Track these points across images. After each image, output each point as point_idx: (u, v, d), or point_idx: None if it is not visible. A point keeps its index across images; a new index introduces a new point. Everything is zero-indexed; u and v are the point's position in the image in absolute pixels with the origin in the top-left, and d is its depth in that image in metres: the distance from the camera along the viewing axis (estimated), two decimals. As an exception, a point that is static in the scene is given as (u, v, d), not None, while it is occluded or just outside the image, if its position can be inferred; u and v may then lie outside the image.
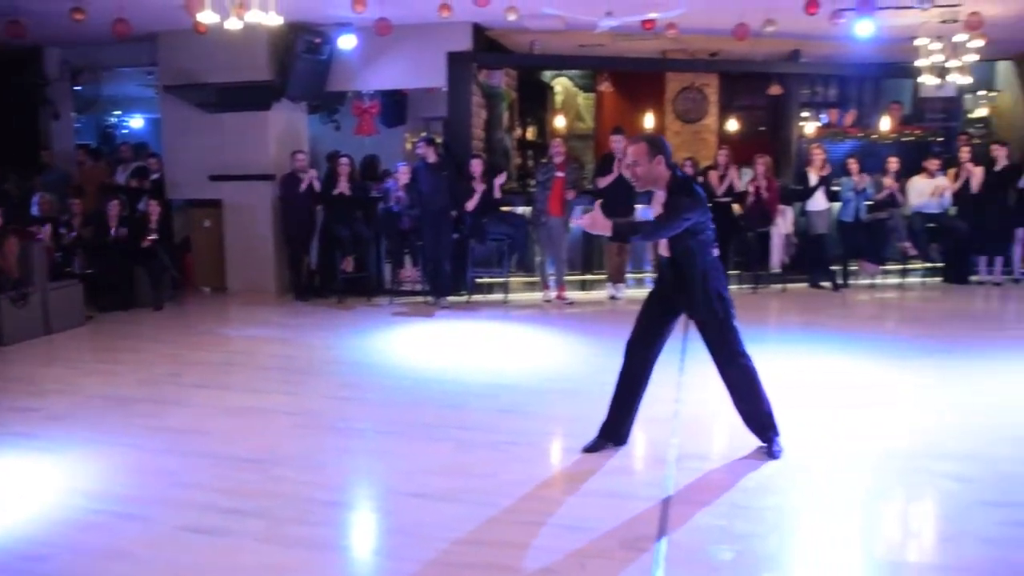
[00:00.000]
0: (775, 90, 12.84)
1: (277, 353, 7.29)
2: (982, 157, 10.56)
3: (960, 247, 10.26)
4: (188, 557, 3.36)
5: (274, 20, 7.05)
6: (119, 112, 15.16)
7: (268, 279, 10.26)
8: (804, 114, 13.45)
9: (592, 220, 4.07)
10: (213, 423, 5.14)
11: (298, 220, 9.73)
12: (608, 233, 4.10)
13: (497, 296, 9.74)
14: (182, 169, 10.39)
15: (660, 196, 4.28)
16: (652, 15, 8.87)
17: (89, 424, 5.14)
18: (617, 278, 9.59)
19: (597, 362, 6.52)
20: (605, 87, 14.65)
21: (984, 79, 12.59)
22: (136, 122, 15.72)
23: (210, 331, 8.28)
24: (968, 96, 12.74)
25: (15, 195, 10.31)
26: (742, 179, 10.20)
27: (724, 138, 14.15)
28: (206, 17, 6.97)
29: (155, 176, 10.66)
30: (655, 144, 4.24)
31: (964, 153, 10.32)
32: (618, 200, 9.07)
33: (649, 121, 15.15)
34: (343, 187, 9.51)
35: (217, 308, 9.59)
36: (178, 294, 9.90)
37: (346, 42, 9.81)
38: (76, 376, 6.39)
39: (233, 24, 7.07)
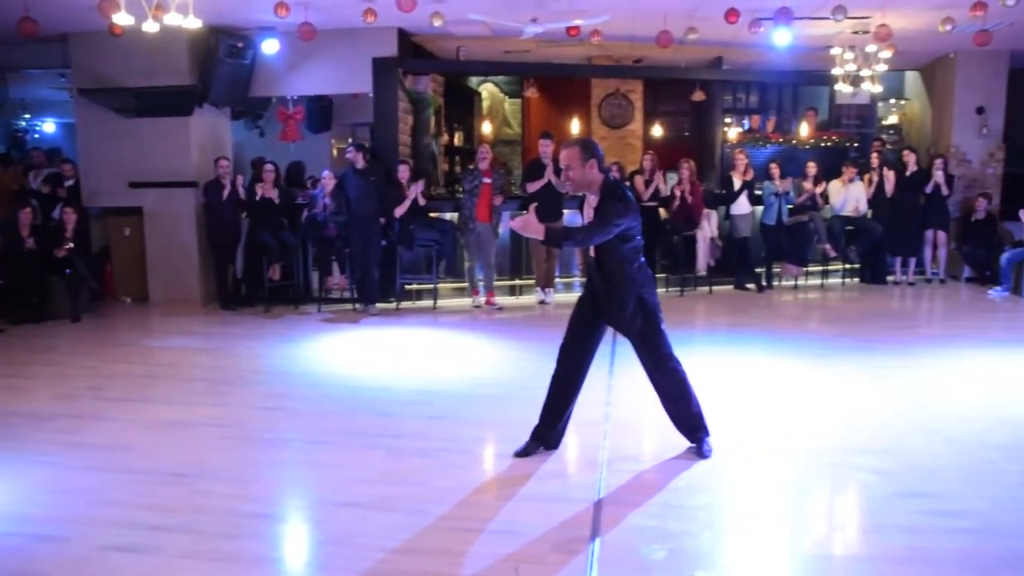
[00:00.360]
0: (698, 96, 13.13)
1: (202, 364, 7.11)
2: (896, 163, 11.01)
3: (876, 249, 10.66)
4: (110, 577, 3.25)
5: (194, 23, 6.89)
6: (29, 116, 14.59)
7: (192, 288, 10.01)
8: (727, 120, 13.79)
9: (524, 223, 4.07)
10: (136, 437, 4.98)
11: (223, 228, 9.52)
12: (540, 237, 4.11)
13: (426, 302, 9.70)
14: (100, 176, 10.04)
15: (592, 200, 4.29)
16: (577, 22, 8.98)
17: (1, 442, 4.92)
18: (546, 283, 9.65)
19: (527, 366, 6.55)
20: (531, 93, 14.74)
21: (895, 88, 13.12)
22: (48, 126, 15.17)
23: (132, 343, 8.02)
24: (880, 104, 13.25)
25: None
26: (667, 183, 10.39)
27: (649, 143, 14.38)
28: (121, 19, 6.76)
29: (70, 183, 10.29)
30: (588, 148, 4.25)
31: (875, 159, 10.77)
32: (547, 206, 9.13)
33: (575, 126, 15.31)
34: (268, 192, 9.34)
35: (139, 319, 9.30)
36: (97, 305, 9.57)
37: (269, 47, 9.66)
38: (-13, 392, 6.11)
39: (150, 27, 6.88)
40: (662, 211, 10.10)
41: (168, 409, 5.57)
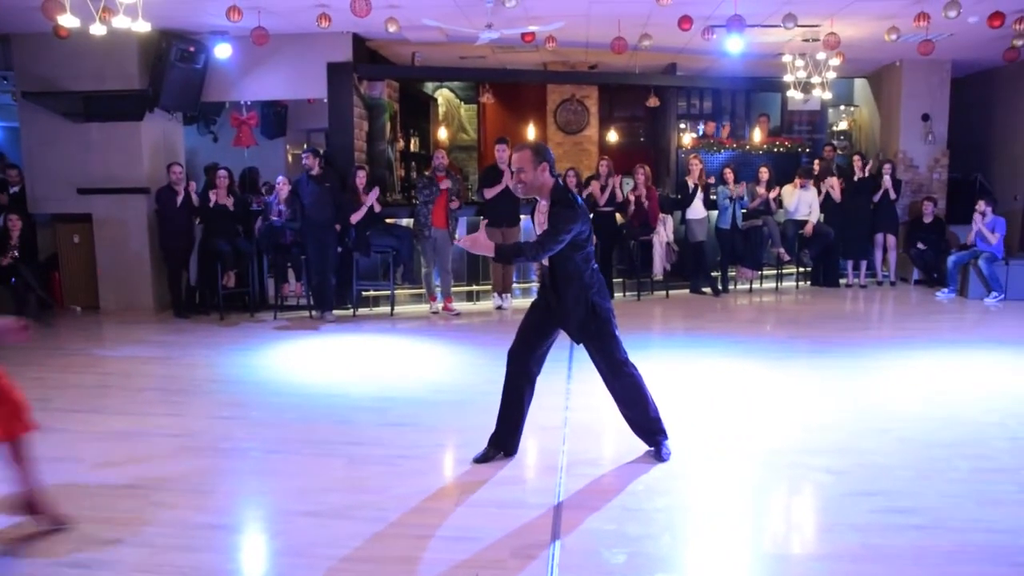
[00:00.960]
0: (653, 102, 13.27)
1: (156, 373, 6.98)
2: (846, 168, 11.25)
3: (829, 252, 10.87)
4: (61, 593, 3.17)
5: (143, 27, 6.78)
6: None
7: (145, 296, 9.82)
8: (681, 125, 13.96)
9: (473, 241, 4.06)
10: (87, 449, 4.86)
11: (176, 235, 9.35)
12: (491, 255, 4.09)
13: (383, 309, 9.65)
14: (46, 182, 9.80)
15: (543, 206, 4.29)
16: (531, 28, 9.02)
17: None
18: (503, 288, 9.66)
19: (485, 372, 6.55)
20: (487, 99, 14.79)
21: (845, 95, 13.40)
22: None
23: (82, 352, 7.84)
24: (831, 110, 13.53)
25: None
26: (623, 189, 10.47)
27: (605, 149, 14.52)
28: (67, 20, 6.62)
29: (15, 189, 10.03)
30: (540, 152, 4.23)
31: (816, 166, 11.04)
32: (504, 211, 9.17)
33: (531, 132, 15.38)
34: (222, 199, 9.21)
35: (89, 328, 9.10)
36: (45, 315, 9.34)
37: (222, 51, 9.53)
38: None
39: (98, 29, 6.75)
40: (618, 216, 10.18)
41: (121, 419, 5.46)
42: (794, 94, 10.50)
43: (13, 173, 10.24)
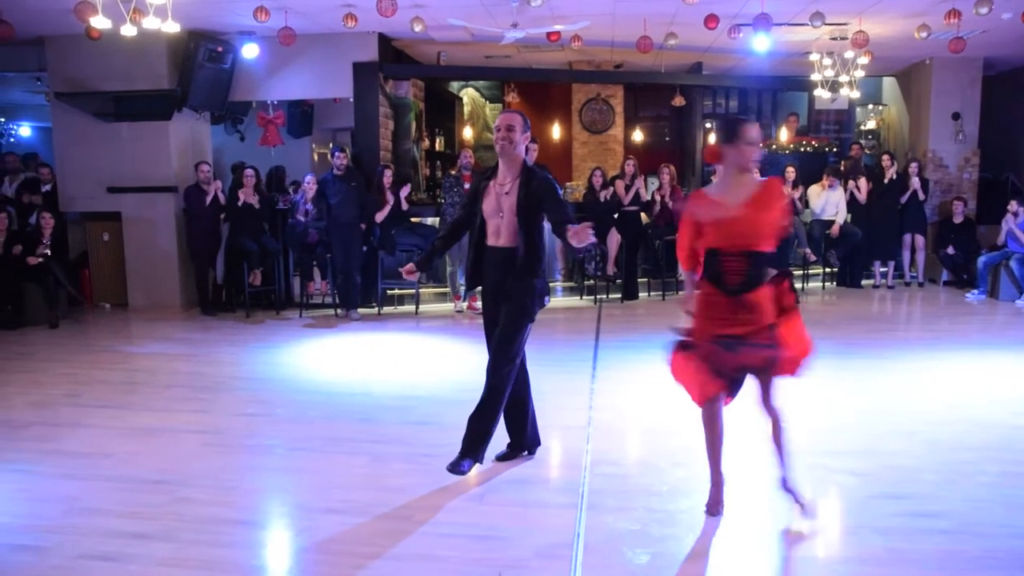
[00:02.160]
0: (678, 101, 13.21)
1: (182, 370, 7.06)
2: (874, 168, 11.13)
3: (855, 253, 10.75)
4: (89, 586, 3.21)
5: (172, 27, 6.86)
6: (3, 120, 14.46)
7: (172, 294, 9.94)
8: (707, 125, 13.89)
9: (576, 233, 3.78)
10: (115, 444, 4.93)
11: (203, 233, 9.45)
12: (593, 239, 3.82)
13: (408, 308, 9.68)
14: (77, 181, 9.96)
15: (506, 185, 4.19)
16: (557, 27, 9.01)
17: (-23, 450, 4.86)
18: None
19: (510, 371, 6.56)
20: (512, 98, 14.79)
21: (873, 93, 13.26)
22: (24, 130, 15.03)
23: (110, 349, 7.95)
24: (859, 109, 13.39)
25: None
26: (648, 188, 10.43)
27: (630, 148, 14.46)
28: (99, 22, 6.72)
29: (47, 188, 10.19)
30: (527, 123, 4.26)
31: (843, 165, 10.91)
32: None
33: (556, 131, 15.37)
34: (248, 197, 9.29)
35: (118, 325, 9.22)
36: (75, 311, 9.48)
37: (249, 51, 9.63)
38: (-38, 400, 6.03)
39: (129, 31, 6.84)
40: (643, 216, 10.14)
41: (148, 416, 5.53)
42: (822, 93, 10.41)
43: (45, 172, 10.42)
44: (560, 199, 4.17)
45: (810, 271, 10.86)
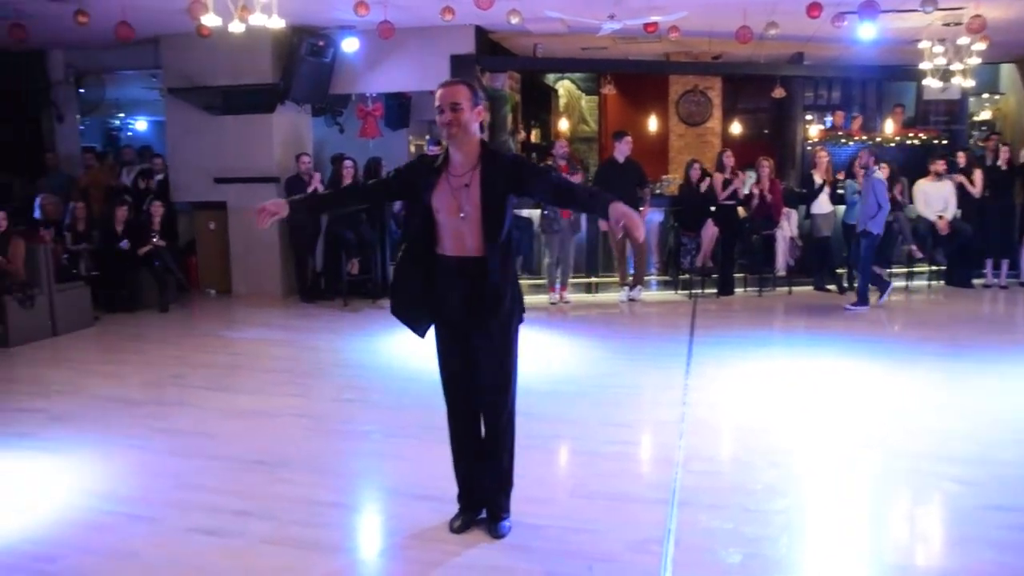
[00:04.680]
0: (778, 93, 12.85)
1: (282, 355, 7.29)
2: (988, 158, 10.55)
3: (965, 250, 10.24)
4: (195, 559, 3.36)
5: (277, 23, 7.06)
6: (123, 115, 15.18)
7: (273, 281, 10.27)
8: (808, 117, 13.49)
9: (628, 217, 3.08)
10: (218, 425, 5.14)
11: (303, 223, 9.72)
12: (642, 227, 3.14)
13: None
14: (187, 172, 10.42)
15: (464, 177, 3.27)
16: (655, 18, 8.89)
17: (94, 425, 5.14)
18: (636, 280, 9.54)
19: (604, 366, 6.56)
20: (608, 90, 14.67)
21: (989, 82, 12.61)
22: (140, 124, 15.75)
23: (215, 333, 8.28)
24: (972, 99, 12.75)
25: (19, 198, 10.37)
26: (746, 182, 10.20)
27: (728, 141, 14.17)
28: (209, 20, 6.99)
29: (159, 177, 10.68)
30: (476, 92, 3.34)
31: (962, 159, 10.30)
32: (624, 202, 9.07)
33: (653, 124, 15.20)
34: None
35: (222, 310, 9.59)
36: (183, 297, 9.91)
37: (349, 45, 9.85)
38: (81, 377, 6.39)
39: (236, 27, 7.09)
40: (741, 210, 9.92)
41: (249, 399, 5.74)
42: (931, 82, 9.94)
43: (158, 162, 10.92)
44: (538, 166, 3.51)
45: (915, 269, 10.42)
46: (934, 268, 10.52)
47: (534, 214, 9.71)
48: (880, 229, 8.69)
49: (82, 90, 11.64)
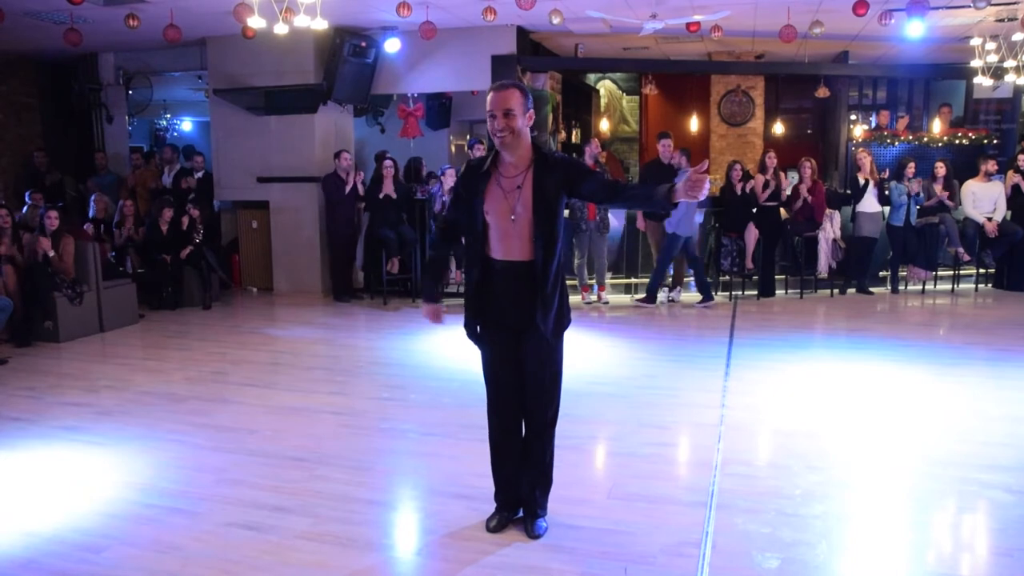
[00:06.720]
0: (822, 93, 12.68)
1: (322, 353, 7.37)
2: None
3: (1016, 252, 9.99)
4: (235, 553, 3.41)
5: (320, 24, 7.15)
6: (170, 115, 15.49)
7: (314, 280, 10.39)
8: (852, 117, 13.27)
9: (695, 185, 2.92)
10: (259, 421, 5.21)
11: (342, 221, 9.81)
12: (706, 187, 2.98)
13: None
14: (231, 171, 10.59)
15: (514, 177, 3.25)
16: (697, 17, 8.82)
17: (139, 420, 5.25)
18: (676, 281, 9.49)
19: (641, 367, 6.53)
20: (650, 90, 14.58)
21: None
22: (185, 125, 16.06)
23: (257, 331, 8.40)
24: (1025, 97, 12.43)
25: (71, 196, 10.64)
26: (788, 183, 10.06)
27: (770, 141, 14.01)
28: (255, 22, 7.09)
29: (199, 175, 10.82)
30: (528, 96, 3.27)
31: (1021, 160, 10.01)
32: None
33: (694, 124, 15.07)
34: (388, 189, 9.56)
35: (264, 308, 9.72)
36: (226, 294, 10.07)
37: (391, 46, 9.91)
38: (127, 373, 6.52)
39: (280, 29, 7.19)
40: (783, 211, 9.80)
41: (289, 395, 5.81)
42: (982, 80, 9.72)
43: (198, 160, 11.09)
44: (589, 168, 3.44)
45: (962, 271, 10.21)
46: (982, 271, 10.29)
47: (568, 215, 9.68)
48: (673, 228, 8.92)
49: (131, 91, 11.89)
